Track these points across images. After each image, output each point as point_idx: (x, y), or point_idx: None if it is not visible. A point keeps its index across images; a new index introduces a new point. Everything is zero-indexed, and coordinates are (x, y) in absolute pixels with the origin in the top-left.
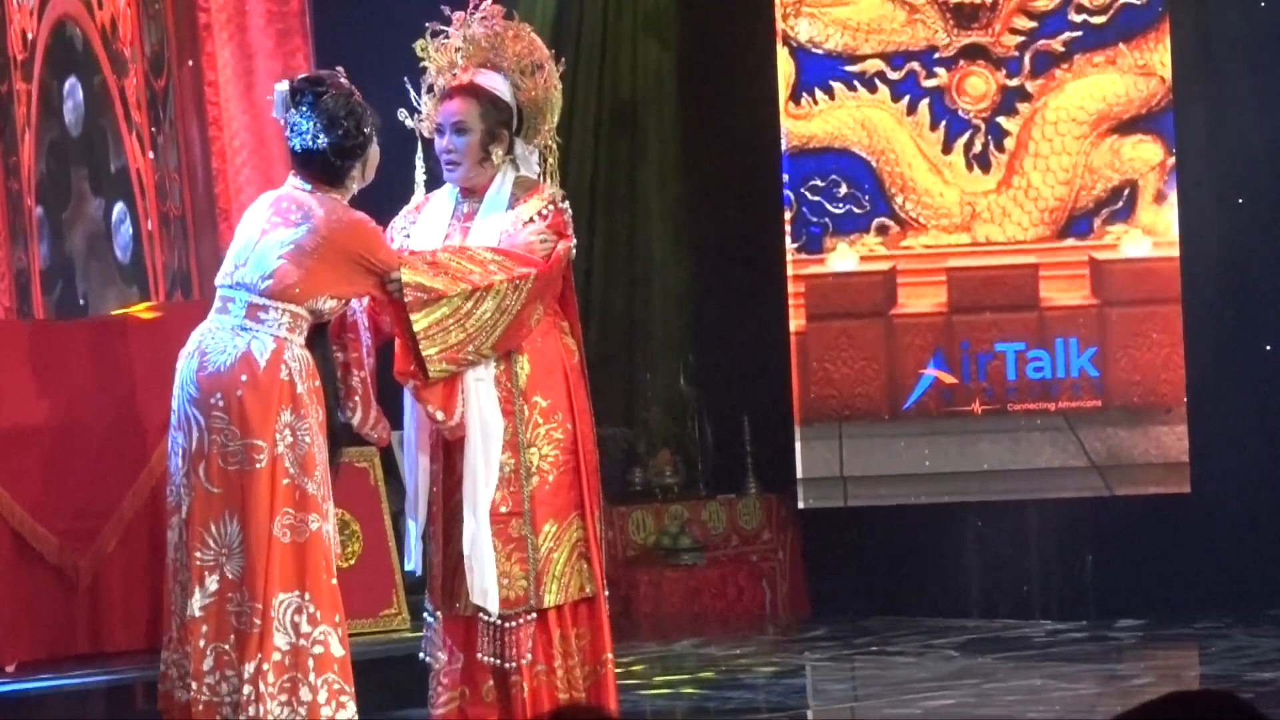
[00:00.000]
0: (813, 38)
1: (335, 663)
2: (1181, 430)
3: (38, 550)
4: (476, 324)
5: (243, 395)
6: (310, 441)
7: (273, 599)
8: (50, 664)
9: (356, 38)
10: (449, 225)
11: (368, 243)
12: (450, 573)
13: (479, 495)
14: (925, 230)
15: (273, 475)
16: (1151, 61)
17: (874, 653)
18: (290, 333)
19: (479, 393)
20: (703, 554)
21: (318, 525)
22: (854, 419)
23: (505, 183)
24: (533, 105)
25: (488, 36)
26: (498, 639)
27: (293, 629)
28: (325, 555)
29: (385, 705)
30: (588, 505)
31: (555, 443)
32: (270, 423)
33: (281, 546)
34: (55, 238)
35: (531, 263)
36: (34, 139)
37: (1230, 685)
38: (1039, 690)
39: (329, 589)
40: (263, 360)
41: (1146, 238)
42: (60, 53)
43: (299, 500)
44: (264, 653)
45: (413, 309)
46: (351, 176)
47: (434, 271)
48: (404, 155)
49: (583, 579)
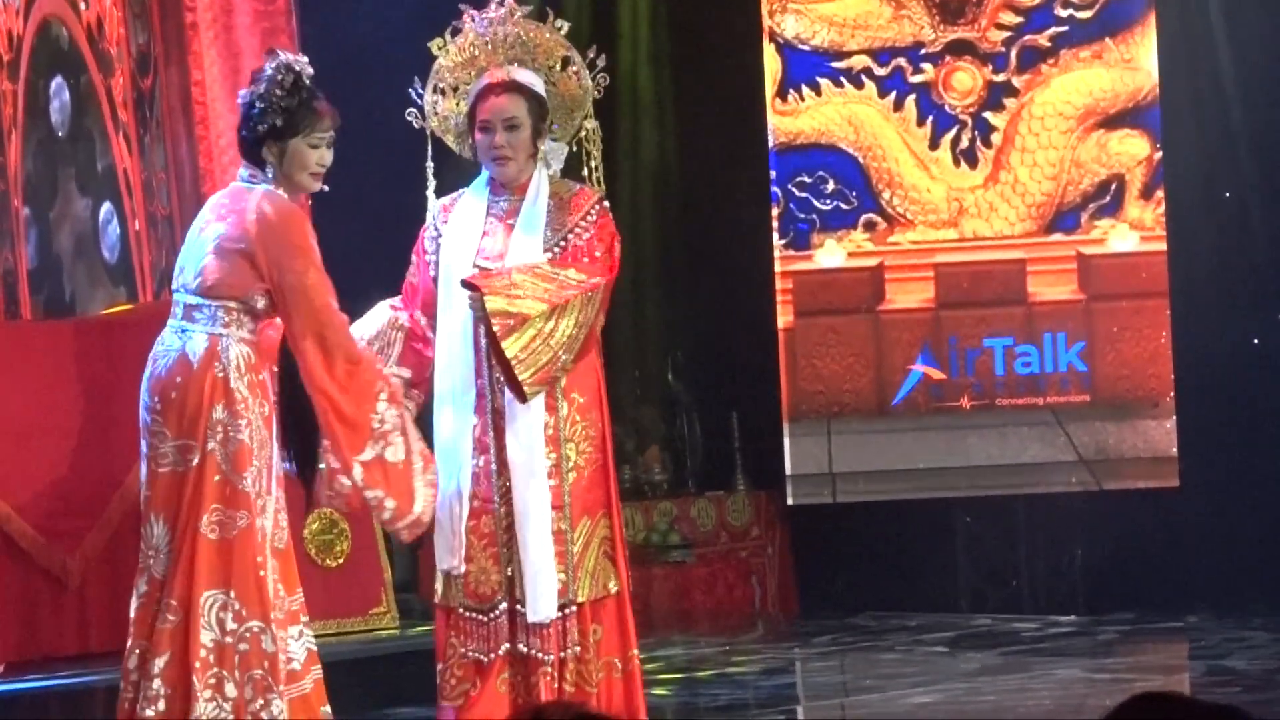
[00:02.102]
0: (799, 34)
1: (265, 659)
2: (1170, 424)
3: (26, 550)
4: (560, 340)
5: (176, 396)
6: (245, 437)
7: (199, 596)
8: (39, 664)
9: (342, 37)
10: (485, 222)
11: (288, 234)
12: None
13: (531, 493)
14: (913, 226)
15: (202, 473)
16: (1138, 56)
17: (863, 648)
18: (226, 328)
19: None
20: (691, 551)
21: (246, 522)
22: (842, 415)
23: (541, 180)
24: (566, 100)
25: (519, 34)
26: (535, 631)
27: (218, 626)
28: (257, 552)
29: (374, 703)
30: (614, 503)
31: (589, 439)
32: (202, 421)
33: (208, 543)
34: (42, 238)
35: (598, 272)
36: (20, 139)
37: (1221, 678)
38: (1028, 685)
39: (258, 585)
40: (196, 359)
41: (1134, 232)
42: (46, 52)
43: (228, 497)
44: (191, 650)
45: (502, 337)
46: (267, 162)
47: (514, 294)
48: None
49: (608, 576)
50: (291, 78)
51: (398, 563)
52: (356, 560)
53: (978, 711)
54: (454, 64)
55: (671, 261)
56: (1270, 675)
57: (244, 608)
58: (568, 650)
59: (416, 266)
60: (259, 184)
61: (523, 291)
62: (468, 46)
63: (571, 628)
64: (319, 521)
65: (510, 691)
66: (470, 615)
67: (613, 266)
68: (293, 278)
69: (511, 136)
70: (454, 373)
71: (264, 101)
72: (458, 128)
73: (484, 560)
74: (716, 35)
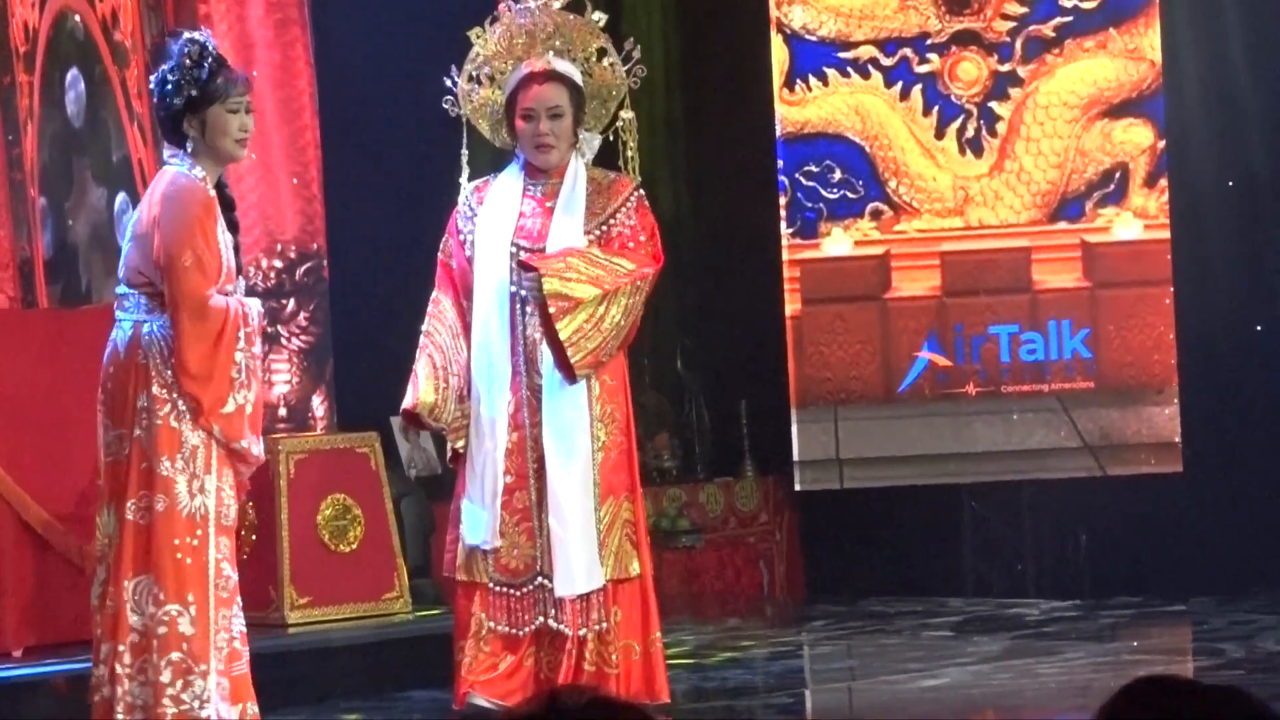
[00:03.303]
0: (806, 25)
1: (184, 641)
2: (1173, 410)
3: (43, 536)
4: (609, 326)
5: (111, 387)
6: (167, 421)
7: (125, 581)
8: (56, 648)
9: (354, 27)
10: (522, 204)
11: (175, 212)
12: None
13: (568, 471)
14: (919, 214)
15: (131, 460)
16: (1141, 46)
17: (870, 632)
18: (150, 314)
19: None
20: (700, 536)
21: (164, 505)
22: (849, 402)
23: (579, 166)
24: (601, 90)
25: (558, 27)
26: (562, 605)
27: (140, 610)
28: (178, 533)
29: (387, 686)
30: (637, 487)
31: (616, 422)
32: (130, 409)
33: (135, 529)
34: (58, 227)
35: (646, 261)
36: (36, 130)
37: (1224, 661)
38: (1033, 668)
39: (177, 567)
40: (123, 349)
41: (1138, 220)
42: (62, 44)
43: (149, 481)
44: (119, 634)
45: (557, 318)
46: (188, 134)
47: (567, 276)
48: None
49: (630, 558)
50: (198, 49)
51: (410, 548)
52: (369, 545)
53: (984, 695)
54: (492, 53)
55: (681, 250)
56: (1273, 657)
57: (161, 591)
58: (589, 628)
59: (452, 246)
60: (172, 164)
61: (576, 275)
62: (506, 36)
63: (596, 605)
64: (332, 508)
65: (535, 667)
66: (501, 590)
67: (658, 256)
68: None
69: (555, 124)
70: (490, 351)
71: (175, 74)
72: (493, 115)
73: (516, 535)
74: (724, 26)
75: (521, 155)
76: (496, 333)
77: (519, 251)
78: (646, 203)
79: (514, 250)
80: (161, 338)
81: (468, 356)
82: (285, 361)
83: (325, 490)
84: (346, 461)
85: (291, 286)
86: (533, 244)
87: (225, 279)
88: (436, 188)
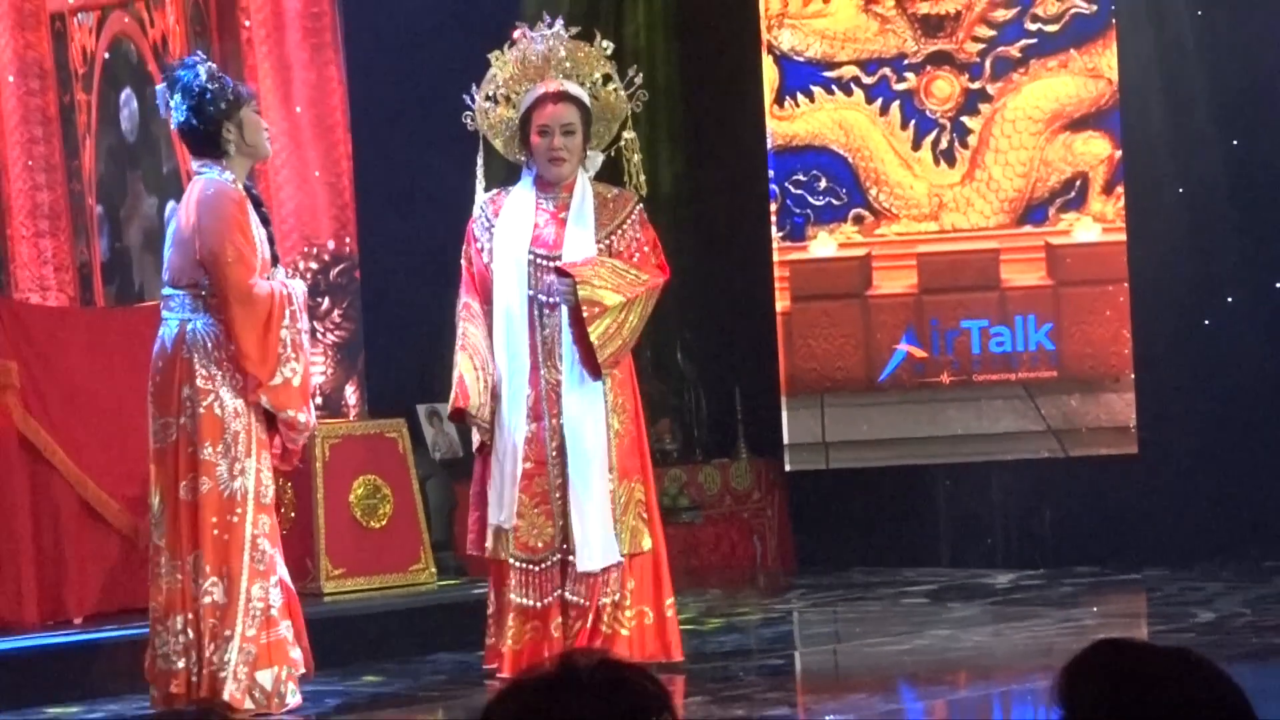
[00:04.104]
0: (794, 47)
1: (217, 610)
2: (1129, 397)
3: (101, 514)
4: (629, 330)
5: (159, 380)
6: (212, 410)
7: (186, 557)
8: (113, 616)
9: (382, 50)
10: (537, 213)
11: (213, 214)
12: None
13: (590, 456)
14: (897, 219)
15: (177, 446)
16: (1100, 65)
17: (854, 600)
18: (194, 313)
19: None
20: (699, 513)
21: (208, 487)
22: (834, 390)
23: (585, 181)
24: (606, 112)
25: (569, 53)
26: (584, 581)
27: (195, 582)
28: (217, 512)
29: (415, 649)
30: (648, 469)
31: (626, 411)
32: (175, 399)
33: (187, 508)
34: (114, 233)
35: (656, 273)
36: (94, 144)
37: (1175, 625)
38: (1002, 632)
39: (216, 543)
40: (170, 344)
41: (1096, 224)
42: (117, 66)
43: (193, 464)
44: (180, 606)
45: (589, 322)
46: (227, 140)
47: (596, 284)
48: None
49: (641, 534)
50: (207, 67)
51: (435, 524)
52: (398, 522)
53: (957, 656)
54: (509, 76)
55: (681, 252)
56: (1220, 621)
57: (207, 564)
58: (607, 598)
59: (472, 253)
60: (203, 173)
61: (604, 283)
62: (522, 60)
63: (613, 577)
64: (364, 487)
65: (563, 636)
66: (522, 566)
67: (664, 267)
68: (212, 253)
69: (568, 141)
70: (510, 348)
71: (213, 88)
72: (506, 131)
73: (535, 516)
74: (720, 48)
75: (533, 169)
76: (517, 332)
77: (536, 259)
78: (645, 216)
79: (532, 258)
80: (205, 334)
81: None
82: (321, 354)
83: (357, 472)
84: (377, 445)
85: (326, 286)
86: (549, 252)
87: (263, 268)
88: (458, 196)
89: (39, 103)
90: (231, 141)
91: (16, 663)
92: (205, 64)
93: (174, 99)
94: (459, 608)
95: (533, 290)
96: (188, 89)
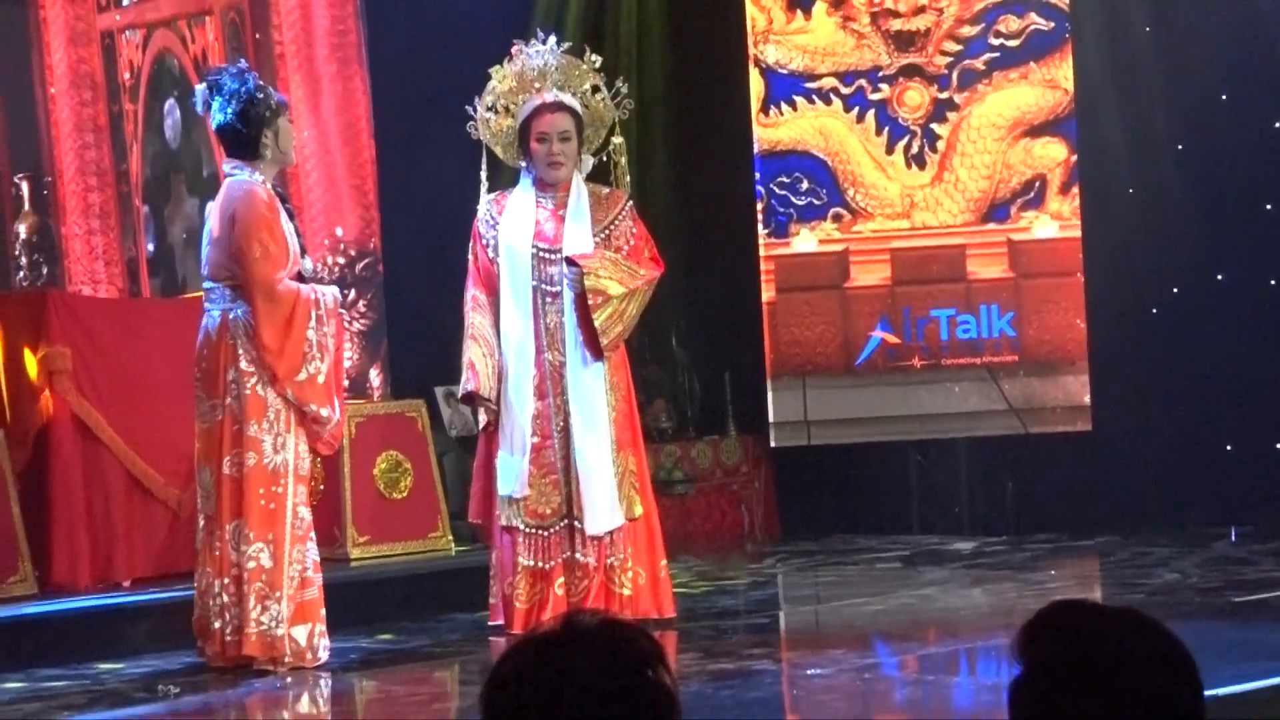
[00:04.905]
0: (778, 60)
1: (264, 573)
2: (1084, 380)
3: (147, 487)
4: (629, 318)
5: (205, 365)
6: (254, 390)
7: (226, 526)
8: (157, 580)
9: (402, 65)
10: (537, 211)
11: (244, 215)
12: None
13: (594, 431)
14: (872, 218)
15: (223, 425)
16: (1057, 77)
17: (833, 564)
18: (233, 304)
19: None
20: (692, 485)
21: (255, 461)
22: (815, 373)
23: (579, 182)
24: (595, 120)
25: (561, 67)
26: (591, 544)
27: (236, 549)
28: (264, 484)
29: (433, 610)
30: (639, 444)
31: (620, 390)
32: (221, 382)
33: (230, 481)
34: (159, 231)
35: (652, 267)
36: (140, 150)
37: (1125, 587)
38: (968, 593)
39: (262, 512)
40: (213, 332)
41: (1054, 222)
42: (161, 79)
43: (239, 441)
44: (223, 570)
45: (594, 310)
46: (265, 145)
47: (600, 274)
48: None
49: (633, 503)
50: (253, 76)
51: (451, 495)
52: (417, 493)
53: (928, 615)
54: (507, 89)
55: (674, 248)
56: (1166, 583)
57: (251, 531)
58: (613, 558)
59: (479, 249)
60: (235, 175)
61: (607, 274)
62: (519, 73)
63: (615, 540)
64: (386, 462)
65: (566, 594)
66: (532, 531)
67: (658, 261)
68: (240, 249)
69: (565, 146)
70: (516, 334)
71: (261, 95)
72: (505, 139)
73: (543, 486)
74: (710, 61)
75: (532, 172)
76: (522, 320)
77: (539, 252)
78: (636, 212)
79: (535, 251)
80: (245, 321)
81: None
82: (348, 341)
83: (381, 448)
84: (398, 424)
85: (352, 279)
86: (550, 245)
87: (293, 263)
88: (470, 197)
89: (90, 112)
90: (269, 146)
91: (71, 622)
92: (252, 73)
93: (216, 100)
94: (473, 572)
95: (536, 280)
96: (236, 93)
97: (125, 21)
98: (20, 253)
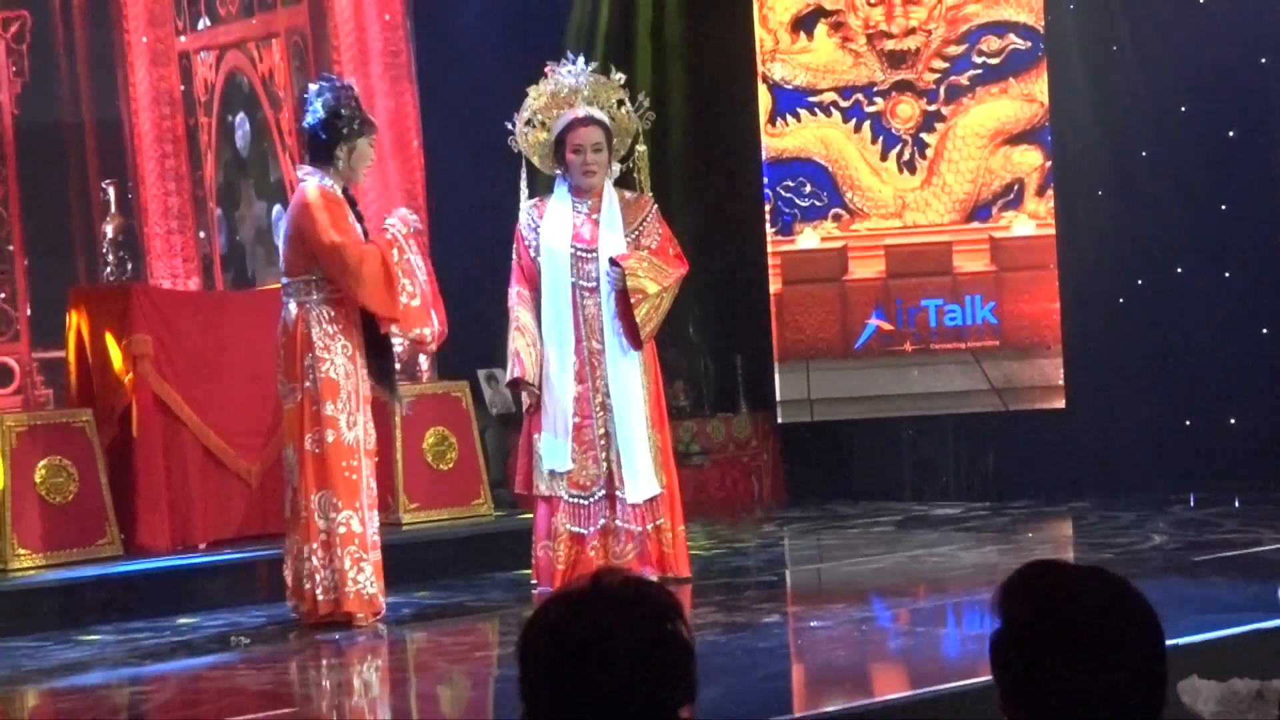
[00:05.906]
0: (784, 77)
1: (355, 538)
2: (1058, 362)
3: (221, 460)
4: (663, 312)
5: (284, 353)
6: (329, 375)
7: (311, 496)
8: (230, 542)
9: (449, 82)
10: (573, 216)
11: (311, 214)
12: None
13: (632, 409)
14: (868, 218)
15: (303, 406)
16: (1034, 91)
17: (834, 528)
18: (307, 296)
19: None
20: (708, 457)
21: (334, 438)
22: (818, 356)
23: (610, 188)
24: (622, 130)
25: (591, 84)
26: (629, 509)
27: (324, 517)
28: (344, 457)
29: (476, 570)
30: (665, 422)
31: (649, 373)
32: (298, 367)
33: (313, 457)
34: (231, 231)
35: (679, 265)
36: (214, 159)
37: (1096, 548)
38: (956, 553)
39: (347, 483)
40: (291, 323)
41: (1031, 221)
42: (232, 95)
43: (318, 420)
44: (311, 537)
45: (635, 306)
46: (337, 157)
47: (638, 273)
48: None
49: (658, 477)
50: (353, 93)
51: (492, 466)
52: (462, 464)
53: (919, 573)
54: (543, 105)
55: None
56: (1132, 545)
57: (339, 500)
58: (659, 520)
59: (521, 250)
60: (308, 179)
61: (645, 273)
62: (552, 91)
63: (657, 505)
64: (434, 437)
65: (599, 557)
66: (574, 500)
67: (682, 258)
68: (318, 242)
69: (598, 157)
70: (557, 325)
71: (350, 108)
72: (541, 150)
73: (584, 461)
74: (723, 78)
75: (567, 180)
76: (563, 312)
77: (577, 252)
78: (660, 214)
79: (573, 251)
80: (318, 312)
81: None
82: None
83: (429, 424)
84: (445, 402)
85: None
86: (587, 246)
87: None
88: (507, 202)
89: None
90: (341, 160)
91: (153, 580)
92: (352, 91)
93: (315, 102)
94: (512, 534)
95: (574, 278)
96: (327, 103)
97: (200, 44)
98: (107, 251)
